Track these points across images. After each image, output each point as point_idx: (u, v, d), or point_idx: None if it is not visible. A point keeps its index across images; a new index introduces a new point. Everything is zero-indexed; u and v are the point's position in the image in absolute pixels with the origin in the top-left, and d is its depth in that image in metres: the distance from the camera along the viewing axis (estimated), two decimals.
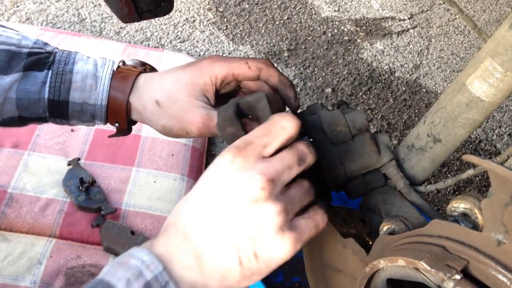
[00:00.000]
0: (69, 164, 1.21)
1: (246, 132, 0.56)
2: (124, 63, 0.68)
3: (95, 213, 1.14)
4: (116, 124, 0.65)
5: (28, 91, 0.61)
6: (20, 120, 0.64)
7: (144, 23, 1.78)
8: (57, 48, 0.66)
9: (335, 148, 0.65)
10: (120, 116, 0.64)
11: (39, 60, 0.62)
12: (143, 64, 0.68)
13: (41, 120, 0.65)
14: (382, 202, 0.67)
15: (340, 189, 0.68)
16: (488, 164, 0.39)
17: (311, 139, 0.65)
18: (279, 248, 0.45)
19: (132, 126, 0.69)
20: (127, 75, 0.64)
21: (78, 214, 1.14)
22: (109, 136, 0.69)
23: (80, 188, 1.15)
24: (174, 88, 0.62)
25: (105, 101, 0.63)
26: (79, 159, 1.23)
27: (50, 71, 0.62)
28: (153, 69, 0.70)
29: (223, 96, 0.66)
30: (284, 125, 0.47)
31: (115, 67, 0.66)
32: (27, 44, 0.62)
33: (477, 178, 1.58)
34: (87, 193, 1.15)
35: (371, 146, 0.66)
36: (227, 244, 0.45)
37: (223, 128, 0.57)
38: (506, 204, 0.38)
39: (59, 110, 0.63)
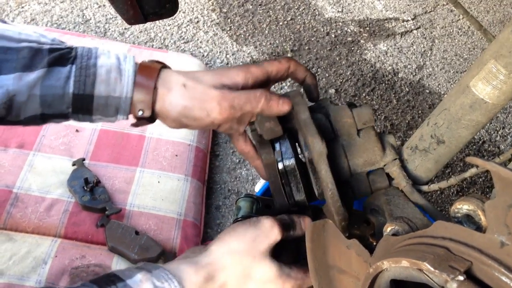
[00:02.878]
0: (73, 165, 1.22)
1: (282, 126, 0.65)
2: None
3: (99, 213, 1.15)
4: (140, 112, 0.65)
5: (53, 86, 0.61)
6: (41, 118, 0.64)
7: (148, 24, 1.79)
8: (74, 46, 0.66)
9: (340, 140, 0.66)
10: (145, 104, 0.64)
11: (62, 55, 0.62)
12: (160, 62, 0.70)
13: (63, 117, 0.65)
14: (386, 203, 0.68)
15: (344, 185, 0.68)
16: (492, 166, 0.39)
17: None
18: None
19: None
20: (151, 67, 0.65)
21: (82, 214, 1.15)
22: (132, 125, 0.68)
23: (85, 188, 1.16)
24: (203, 73, 0.65)
25: (130, 93, 0.64)
26: (83, 159, 1.23)
27: (74, 66, 0.62)
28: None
29: None
30: None
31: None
32: (46, 41, 0.63)
33: (480, 179, 1.57)
34: (91, 193, 1.16)
35: (376, 142, 0.67)
36: None
37: (262, 123, 0.63)
38: (509, 206, 0.39)
39: (84, 105, 0.63)
